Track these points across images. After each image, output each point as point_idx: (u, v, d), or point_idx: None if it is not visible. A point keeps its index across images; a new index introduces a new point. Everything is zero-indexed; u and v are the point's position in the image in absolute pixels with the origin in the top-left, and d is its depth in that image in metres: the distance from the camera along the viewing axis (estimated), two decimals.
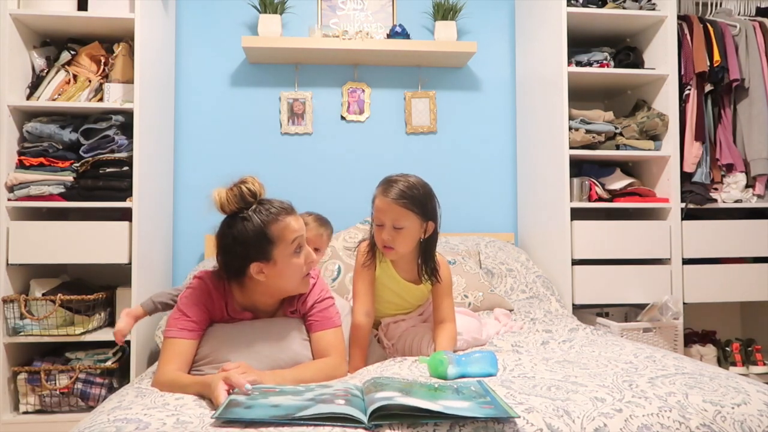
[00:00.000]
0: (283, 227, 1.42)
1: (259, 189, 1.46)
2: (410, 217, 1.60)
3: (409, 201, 1.60)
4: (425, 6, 2.96)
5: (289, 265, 1.44)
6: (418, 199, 1.61)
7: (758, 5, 2.86)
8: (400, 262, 1.71)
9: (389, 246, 1.63)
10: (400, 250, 1.63)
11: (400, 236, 1.61)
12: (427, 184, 1.67)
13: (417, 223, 1.62)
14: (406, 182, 1.63)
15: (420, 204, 1.62)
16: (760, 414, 1.15)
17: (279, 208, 1.44)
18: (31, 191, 2.24)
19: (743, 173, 2.64)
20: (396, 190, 1.60)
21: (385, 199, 1.61)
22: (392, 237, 1.61)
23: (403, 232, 1.61)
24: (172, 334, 1.40)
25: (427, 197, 1.64)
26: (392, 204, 1.59)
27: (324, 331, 1.53)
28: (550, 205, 2.64)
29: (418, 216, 1.61)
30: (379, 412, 1.03)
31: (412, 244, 1.65)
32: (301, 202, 2.74)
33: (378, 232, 1.64)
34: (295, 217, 1.46)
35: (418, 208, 1.61)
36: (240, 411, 1.06)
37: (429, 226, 1.65)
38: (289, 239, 1.42)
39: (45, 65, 2.40)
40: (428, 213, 1.64)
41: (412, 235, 1.62)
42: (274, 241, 1.41)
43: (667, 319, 2.41)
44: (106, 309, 2.38)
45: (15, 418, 2.19)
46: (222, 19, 2.89)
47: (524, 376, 1.36)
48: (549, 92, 2.65)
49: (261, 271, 1.43)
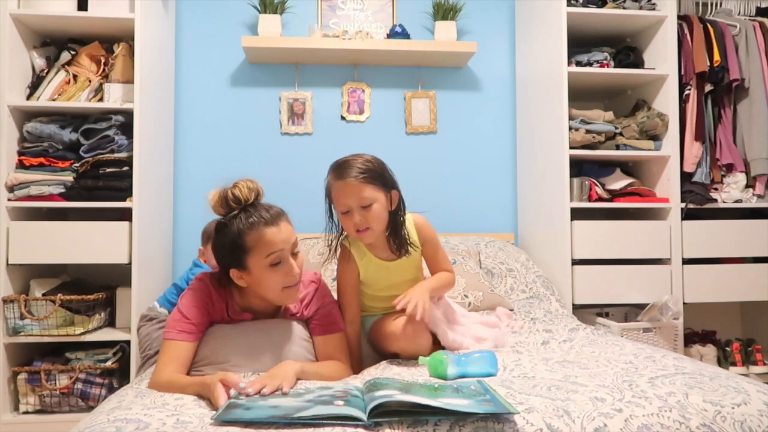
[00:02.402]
0: (257, 238, 1.37)
1: (247, 194, 1.41)
2: (375, 191, 1.56)
3: (369, 175, 1.55)
4: (425, 6, 2.96)
5: (264, 276, 1.39)
6: (376, 171, 1.58)
7: (758, 5, 2.86)
8: (378, 246, 1.66)
9: (363, 229, 1.57)
10: (375, 228, 1.57)
11: (371, 214, 1.55)
12: (376, 157, 1.63)
13: (382, 195, 1.58)
14: (357, 159, 1.58)
15: (379, 176, 1.58)
16: (760, 414, 1.15)
17: (258, 218, 1.38)
18: (31, 191, 2.24)
19: (743, 173, 2.64)
20: (352, 170, 1.55)
21: (342, 182, 1.55)
22: (363, 217, 1.55)
23: (372, 209, 1.55)
24: (171, 336, 1.40)
25: (383, 167, 1.61)
26: (352, 184, 1.54)
27: (330, 335, 1.54)
28: (550, 205, 2.64)
29: (380, 188, 1.57)
30: (379, 410, 1.03)
31: (384, 219, 1.59)
32: (301, 202, 2.75)
33: (346, 220, 1.58)
34: (277, 229, 1.39)
35: (379, 181, 1.57)
36: (239, 412, 1.06)
37: (393, 195, 1.62)
38: (263, 251, 1.37)
39: (45, 65, 2.40)
40: (389, 182, 1.61)
41: (381, 209, 1.57)
42: (248, 251, 1.38)
43: (667, 319, 2.41)
44: (106, 309, 2.38)
45: (15, 418, 2.19)
46: (222, 19, 2.89)
47: (524, 376, 1.36)
48: (549, 92, 2.65)
49: (240, 278, 1.42)
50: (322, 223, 2.25)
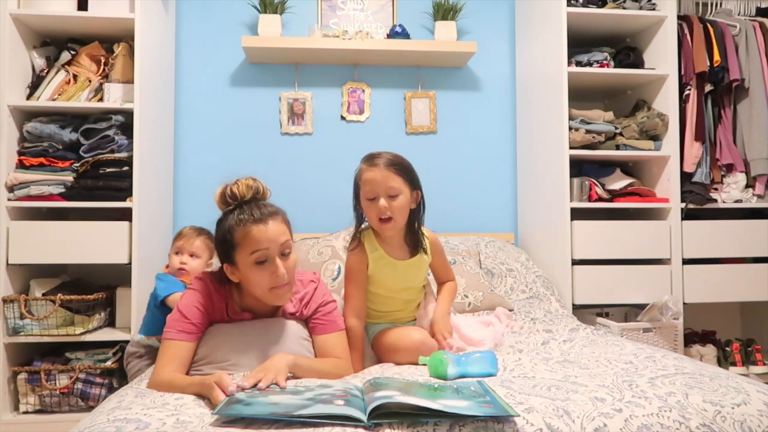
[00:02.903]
0: (243, 235, 1.40)
1: (243, 192, 1.44)
2: (402, 184, 1.62)
3: (398, 167, 1.62)
4: (425, 6, 2.96)
5: (250, 274, 1.41)
6: (406, 167, 1.65)
7: (758, 5, 2.86)
8: (392, 243, 1.69)
9: (386, 218, 1.61)
10: (398, 219, 1.63)
11: (396, 204, 1.61)
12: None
13: (408, 190, 1.64)
14: (389, 154, 1.65)
15: (408, 171, 1.65)
16: (760, 414, 1.15)
17: (248, 215, 1.41)
18: (31, 191, 2.24)
19: (743, 173, 2.64)
20: (383, 159, 1.63)
21: (374, 169, 1.61)
22: (389, 206, 1.60)
23: (397, 200, 1.61)
24: (170, 336, 1.40)
25: (411, 166, 1.68)
26: (384, 171, 1.60)
27: (330, 334, 1.54)
28: (550, 205, 2.64)
29: (407, 183, 1.63)
30: (378, 411, 1.03)
31: (406, 213, 1.66)
32: (301, 202, 2.75)
33: (371, 207, 1.62)
34: (264, 227, 1.39)
35: (406, 175, 1.64)
36: (239, 408, 1.06)
37: (417, 194, 1.68)
38: (248, 248, 1.39)
39: (45, 65, 2.40)
40: (415, 181, 1.67)
41: (405, 203, 1.63)
42: (235, 247, 1.41)
43: (667, 319, 2.41)
44: (106, 309, 2.38)
45: (15, 418, 2.19)
46: (222, 19, 2.89)
47: (524, 376, 1.36)
48: (549, 92, 2.65)
49: (232, 273, 1.45)
50: (322, 223, 2.25)
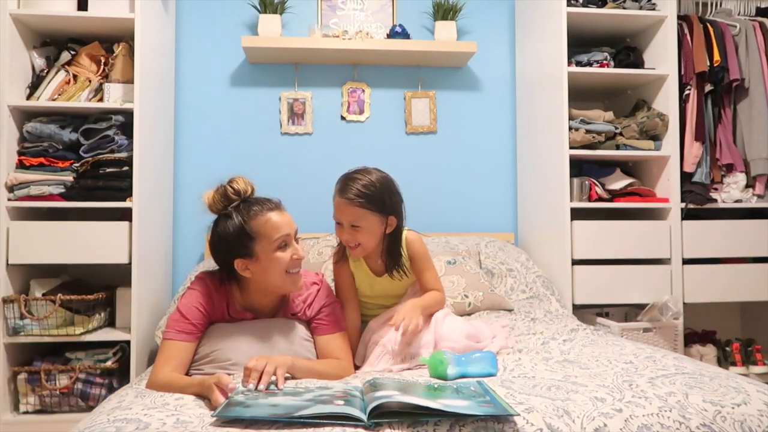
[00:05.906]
0: (263, 222, 1.43)
1: (245, 187, 1.47)
2: (367, 216, 1.59)
3: (365, 200, 1.57)
4: (425, 6, 2.96)
5: (271, 260, 1.43)
6: (375, 197, 1.59)
7: (758, 5, 2.86)
8: (372, 258, 1.70)
9: (353, 245, 1.62)
10: (365, 245, 1.62)
11: (360, 234, 1.60)
12: (386, 178, 1.64)
13: (376, 220, 1.61)
14: (364, 180, 1.59)
15: (377, 201, 1.59)
16: (760, 414, 1.15)
17: (261, 205, 1.45)
18: (31, 191, 2.24)
19: (743, 173, 2.64)
20: (353, 189, 1.58)
21: (340, 200, 1.60)
22: (352, 236, 1.61)
23: (361, 230, 1.60)
24: (170, 336, 1.41)
25: (386, 193, 1.61)
26: (348, 204, 1.58)
27: (333, 334, 1.54)
28: (550, 205, 2.64)
29: (376, 213, 1.60)
30: (378, 411, 1.03)
31: (374, 240, 1.63)
32: (301, 201, 2.75)
33: (338, 230, 1.64)
34: (280, 212, 1.46)
35: (375, 206, 1.59)
36: (239, 410, 1.06)
37: (390, 220, 1.64)
38: (271, 235, 1.42)
39: (45, 65, 2.40)
40: (387, 208, 1.62)
41: (372, 232, 1.61)
42: (255, 237, 1.42)
43: (667, 319, 2.41)
44: (106, 309, 2.37)
45: (15, 418, 2.19)
46: (222, 19, 2.89)
47: (524, 376, 1.36)
48: (549, 92, 2.65)
49: (246, 268, 1.45)
50: (322, 223, 2.24)
